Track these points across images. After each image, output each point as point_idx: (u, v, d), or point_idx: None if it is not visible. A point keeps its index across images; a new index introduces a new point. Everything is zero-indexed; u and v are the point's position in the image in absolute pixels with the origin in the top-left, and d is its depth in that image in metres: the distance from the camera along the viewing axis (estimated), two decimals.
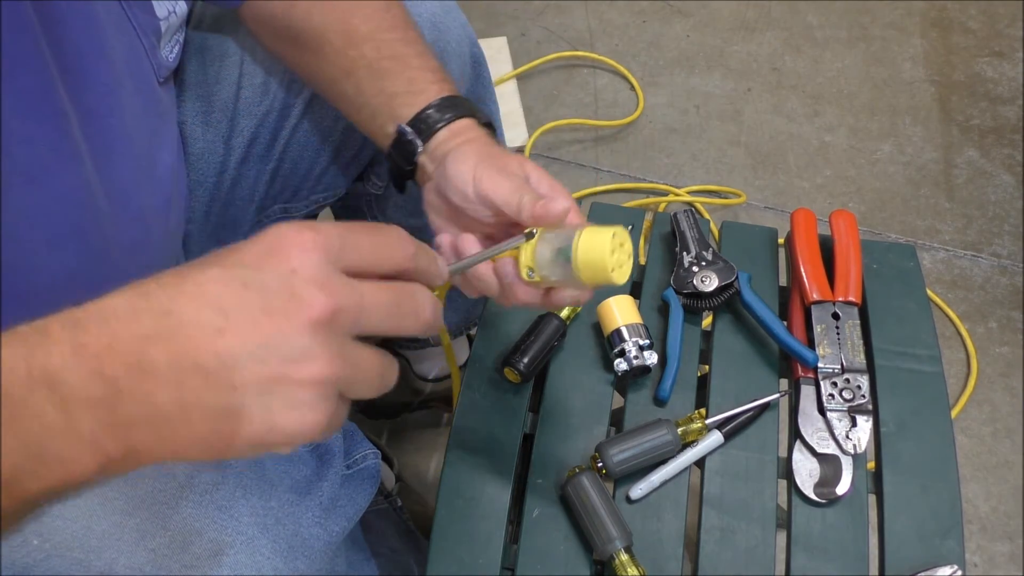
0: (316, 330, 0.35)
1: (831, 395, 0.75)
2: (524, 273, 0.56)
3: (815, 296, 0.80)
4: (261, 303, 0.35)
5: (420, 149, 0.66)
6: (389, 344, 1.23)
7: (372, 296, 0.38)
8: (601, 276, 0.53)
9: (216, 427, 0.35)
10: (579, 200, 0.95)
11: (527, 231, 0.56)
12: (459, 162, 0.61)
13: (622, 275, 0.54)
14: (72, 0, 0.52)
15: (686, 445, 0.74)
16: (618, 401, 0.79)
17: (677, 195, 1.58)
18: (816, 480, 0.73)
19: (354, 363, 0.37)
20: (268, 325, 0.35)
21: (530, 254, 0.56)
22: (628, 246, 0.55)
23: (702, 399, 0.79)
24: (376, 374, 0.39)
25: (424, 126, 0.65)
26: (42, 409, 0.33)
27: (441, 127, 0.65)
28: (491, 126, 0.68)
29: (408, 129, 0.66)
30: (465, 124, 0.65)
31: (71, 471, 0.34)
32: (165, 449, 0.35)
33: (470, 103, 0.67)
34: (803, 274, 0.82)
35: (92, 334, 0.34)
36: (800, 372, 0.77)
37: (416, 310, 0.40)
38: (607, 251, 0.52)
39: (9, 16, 0.47)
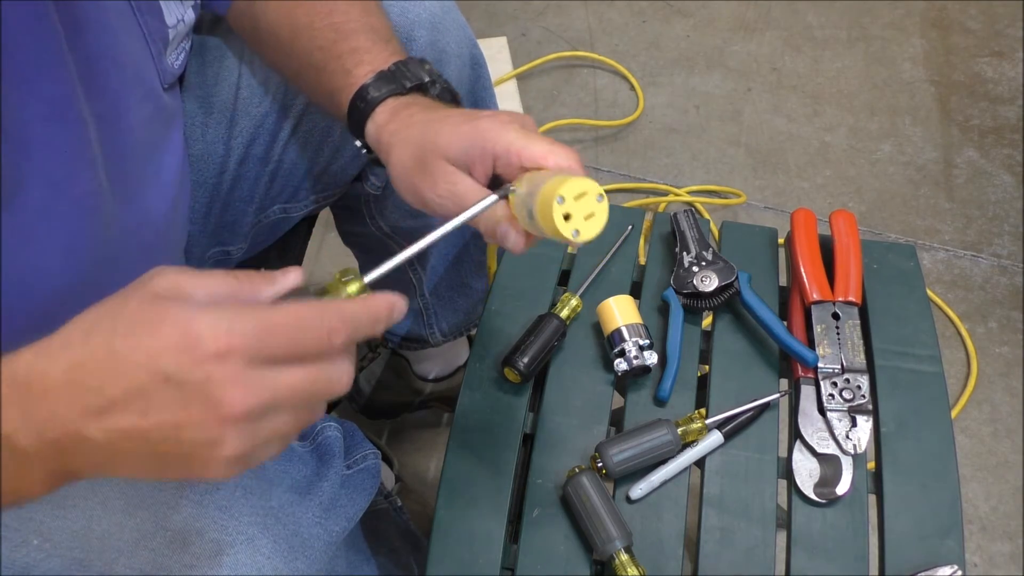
0: (228, 424, 0.39)
1: (831, 395, 0.75)
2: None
3: (815, 296, 0.80)
4: (180, 399, 0.39)
5: (364, 151, 0.65)
6: (389, 343, 1.23)
7: (286, 388, 0.41)
8: (561, 239, 0.51)
9: (149, 472, 0.43)
10: None
11: (502, 190, 0.54)
12: (393, 176, 0.60)
13: (588, 229, 0.51)
14: (88, 5, 0.52)
15: (686, 445, 0.74)
16: (618, 401, 0.79)
17: (677, 195, 1.58)
18: (816, 480, 0.73)
19: (268, 434, 0.41)
20: (184, 417, 0.39)
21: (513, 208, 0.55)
22: (590, 197, 0.52)
23: (702, 399, 0.79)
24: (291, 429, 0.42)
25: (356, 127, 0.64)
26: (4, 459, 0.40)
27: (368, 122, 0.63)
28: (422, 87, 0.65)
29: (356, 140, 0.65)
30: (383, 116, 0.63)
31: (23, 497, 0.43)
32: (109, 475, 0.42)
33: (386, 76, 0.64)
34: (803, 274, 0.82)
35: (36, 405, 0.40)
36: (800, 372, 0.77)
37: (330, 389, 0.43)
38: (556, 218, 0.50)
39: (38, 22, 0.47)
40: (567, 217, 0.51)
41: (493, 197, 0.54)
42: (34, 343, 0.41)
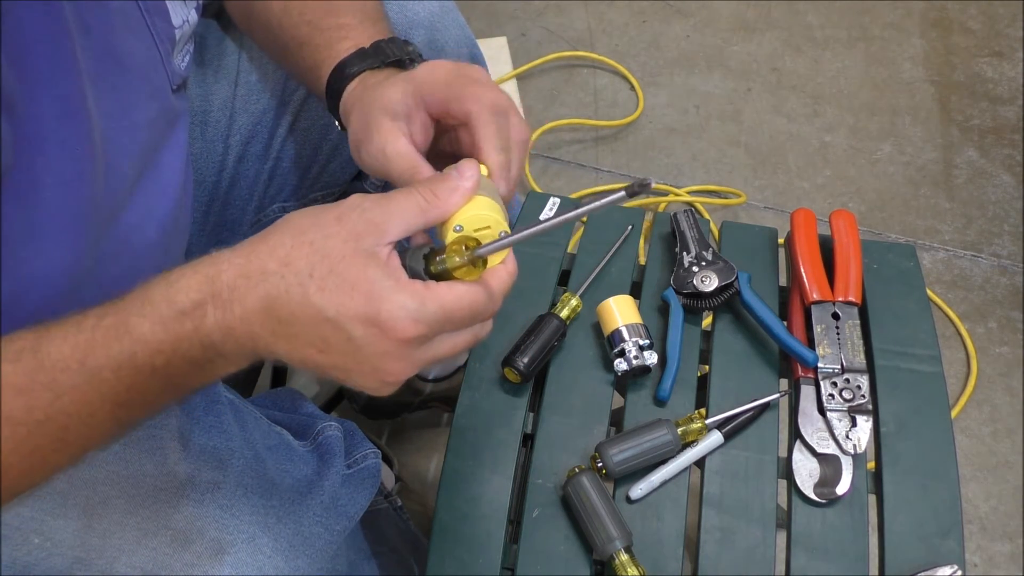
0: (387, 384, 0.48)
1: (831, 395, 0.75)
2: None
3: (815, 296, 0.80)
4: (355, 357, 0.46)
5: (340, 127, 0.66)
6: None
7: (442, 355, 0.49)
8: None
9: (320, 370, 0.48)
10: (579, 200, 0.95)
11: (631, 187, 0.48)
12: (350, 141, 0.61)
13: (466, 274, 0.50)
14: (96, 5, 0.52)
15: (686, 445, 0.74)
16: (618, 401, 0.79)
17: (677, 195, 1.58)
18: (816, 480, 0.73)
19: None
20: (354, 368, 0.47)
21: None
22: (493, 232, 0.50)
23: (702, 399, 0.79)
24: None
25: (333, 102, 0.65)
26: (216, 364, 0.48)
27: (339, 102, 0.64)
28: (399, 64, 0.65)
29: (332, 115, 0.66)
30: (352, 89, 0.63)
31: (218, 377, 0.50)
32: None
33: (362, 54, 0.64)
34: (803, 274, 0.82)
35: (236, 325, 0.46)
36: (800, 372, 0.77)
37: (476, 343, 0.52)
38: (447, 237, 0.50)
39: (51, 22, 0.48)
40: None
41: (621, 193, 0.46)
42: (237, 254, 0.47)
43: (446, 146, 0.61)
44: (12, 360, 0.45)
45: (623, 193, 0.45)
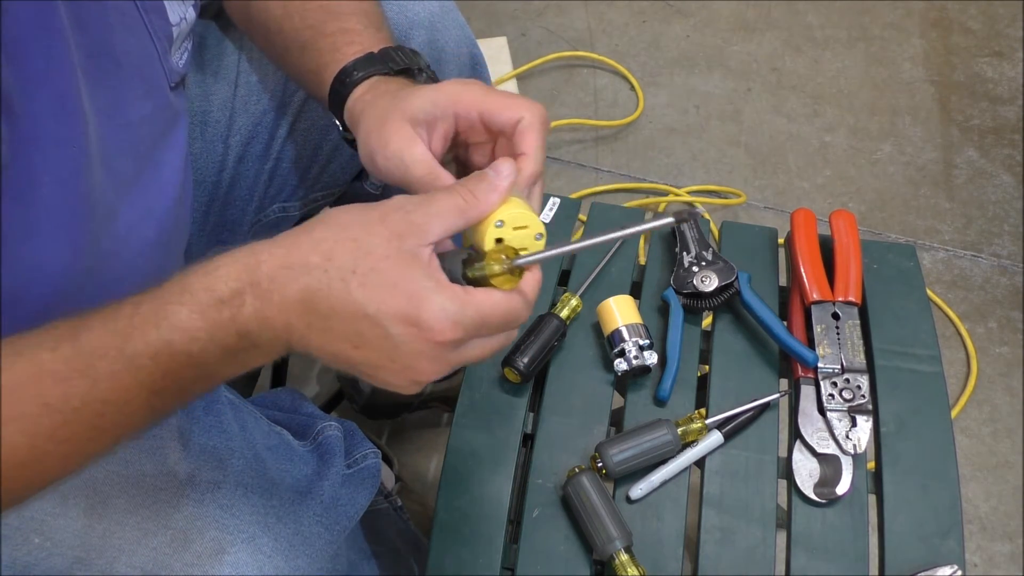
0: (415, 384, 0.49)
1: (831, 395, 0.75)
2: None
3: (815, 296, 0.80)
4: (390, 354, 0.47)
5: (341, 129, 0.66)
6: None
7: (472, 359, 0.50)
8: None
9: (348, 367, 0.49)
10: (579, 200, 0.95)
11: (677, 215, 0.49)
12: (358, 143, 0.61)
13: (504, 282, 0.50)
14: (91, 4, 0.52)
15: (686, 445, 0.74)
16: (618, 401, 0.79)
17: (677, 195, 1.58)
18: (816, 480, 0.73)
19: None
20: (387, 365, 0.48)
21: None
22: (530, 232, 0.51)
23: (702, 399, 0.79)
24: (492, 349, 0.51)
25: (337, 103, 0.65)
26: (249, 354, 0.48)
27: (348, 98, 0.64)
28: (409, 72, 0.65)
29: (334, 118, 0.66)
30: (360, 93, 0.63)
31: (252, 367, 0.50)
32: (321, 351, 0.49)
33: (371, 58, 0.64)
34: (803, 274, 0.82)
35: (274, 315, 0.47)
36: (800, 372, 0.77)
37: (504, 347, 0.52)
38: (488, 231, 0.50)
39: (46, 19, 0.48)
40: (499, 241, 0.50)
41: (670, 219, 0.49)
42: (277, 245, 0.47)
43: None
44: (50, 348, 0.45)
45: (672, 219, 0.49)
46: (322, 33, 0.67)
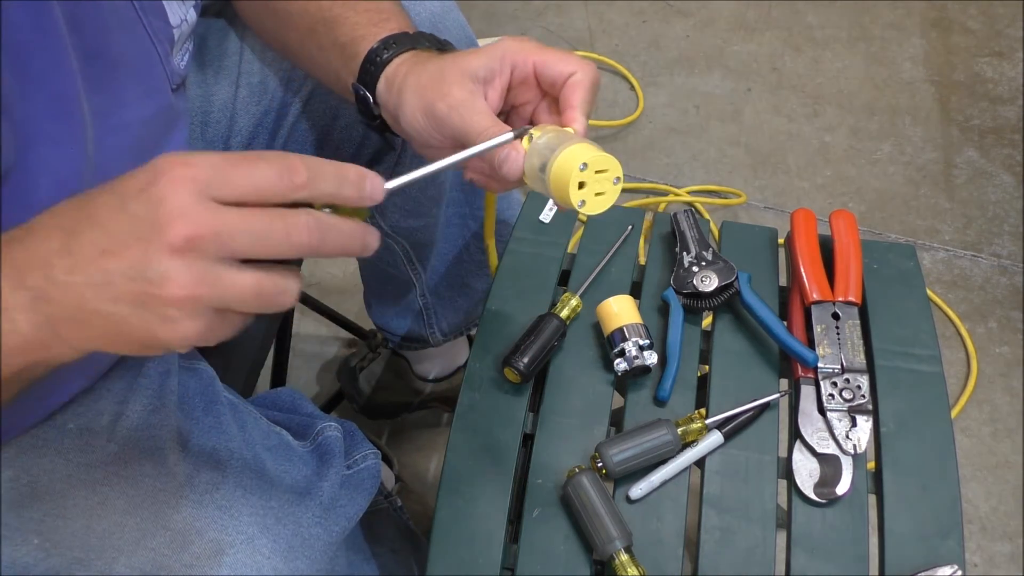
0: (175, 255, 0.39)
1: (831, 395, 0.75)
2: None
3: (815, 296, 0.80)
4: (132, 229, 0.40)
5: (372, 101, 0.66)
6: (390, 345, 1.23)
7: (235, 223, 0.40)
8: (566, 203, 0.52)
9: (112, 329, 0.41)
10: None
11: (519, 130, 0.55)
12: (404, 107, 0.62)
13: (594, 206, 0.51)
14: (88, 5, 0.52)
15: (686, 445, 0.74)
16: (618, 401, 0.79)
17: (677, 195, 1.58)
18: (816, 480, 0.73)
19: (222, 285, 0.40)
20: (136, 249, 0.40)
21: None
22: (609, 175, 0.52)
23: (702, 399, 0.79)
24: (251, 294, 0.41)
25: (369, 77, 0.65)
26: None
27: (385, 68, 0.64)
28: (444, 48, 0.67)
29: (360, 86, 0.66)
30: (403, 59, 0.64)
31: (24, 359, 0.43)
32: (86, 340, 0.42)
33: (411, 36, 0.66)
34: (803, 274, 0.82)
35: (17, 252, 0.41)
36: (800, 372, 0.77)
37: (288, 233, 0.41)
38: (571, 180, 0.51)
39: (42, 21, 0.48)
40: (581, 185, 0.51)
41: (509, 135, 0.54)
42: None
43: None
44: None
45: (511, 135, 0.53)
46: (355, 10, 0.68)
